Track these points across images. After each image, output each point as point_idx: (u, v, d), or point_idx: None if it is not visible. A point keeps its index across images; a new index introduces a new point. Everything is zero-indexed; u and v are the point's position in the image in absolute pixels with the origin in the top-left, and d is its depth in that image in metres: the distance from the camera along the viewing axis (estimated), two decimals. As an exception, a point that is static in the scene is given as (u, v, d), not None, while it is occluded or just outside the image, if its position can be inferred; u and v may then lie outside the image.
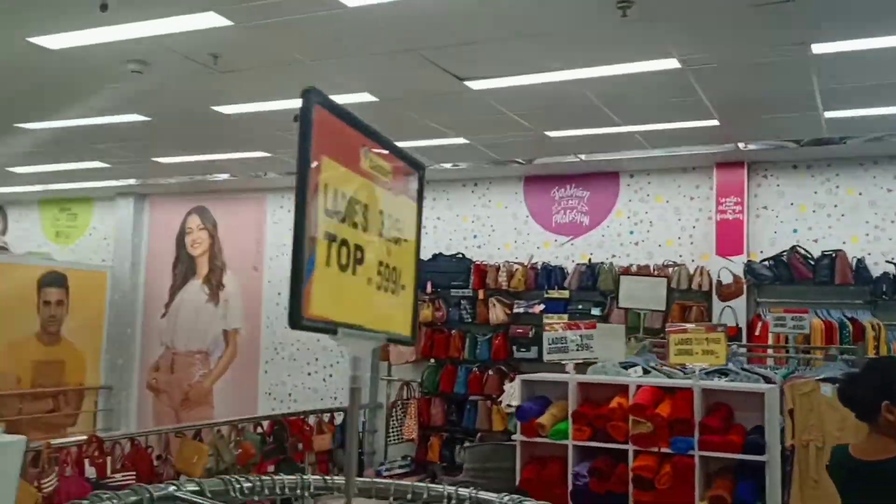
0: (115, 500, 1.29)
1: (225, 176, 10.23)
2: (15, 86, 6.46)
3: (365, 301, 1.07)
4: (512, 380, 7.12)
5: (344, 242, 1.01)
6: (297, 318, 1.00)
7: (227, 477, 1.51)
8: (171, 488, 1.43)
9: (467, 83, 5.93)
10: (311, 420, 7.57)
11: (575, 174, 9.02)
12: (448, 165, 8.99)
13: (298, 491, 1.58)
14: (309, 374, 10.23)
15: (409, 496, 1.58)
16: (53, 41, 5.29)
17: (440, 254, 9.30)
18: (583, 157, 8.42)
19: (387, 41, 5.17)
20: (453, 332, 8.94)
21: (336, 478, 1.61)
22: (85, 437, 6.11)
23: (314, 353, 10.13)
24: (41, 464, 5.67)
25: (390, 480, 1.65)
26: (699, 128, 7.07)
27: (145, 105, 6.87)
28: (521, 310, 8.71)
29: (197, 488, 1.45)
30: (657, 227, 8.64)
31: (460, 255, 9.24)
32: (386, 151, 1.10)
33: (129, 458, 6.35)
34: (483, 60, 5.50)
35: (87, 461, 6.06)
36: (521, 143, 7.87)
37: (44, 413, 10.40)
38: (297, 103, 1.03)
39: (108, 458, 6.20)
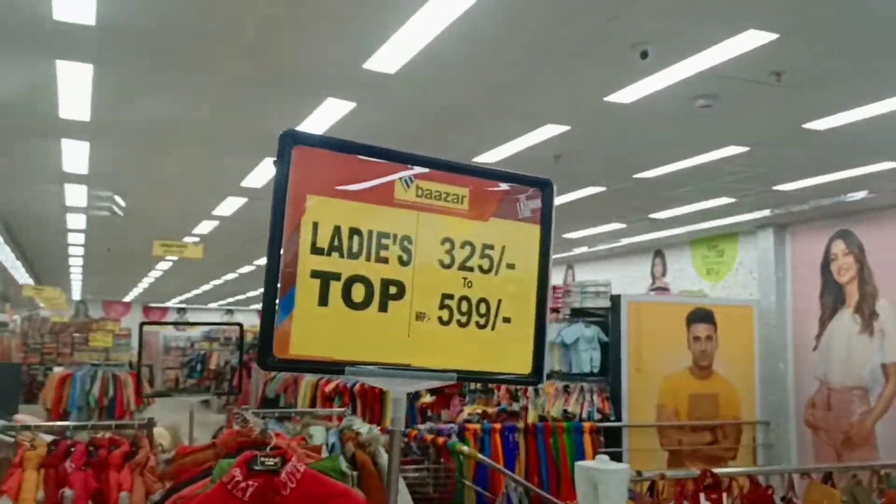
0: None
1: (862, 194, 9.27)
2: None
3: (400, 338, 0.90)
4: None
5: (354, 279, 0.88)
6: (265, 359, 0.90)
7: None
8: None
9: None
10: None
11: None
12: None
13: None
14: None
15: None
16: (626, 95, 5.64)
17: None
18: None
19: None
20: None
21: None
22: (697, 472, 6.16)
23: None
24: (656, 494, 5.92)
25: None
26: None
27: (734, 136, 6.75)
28: None
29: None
30: None
31: None
32: (458, 175, 0.92)
33: (748, 497, 6.15)
34: None
35: (702, 496, 6.09)
36: None
37: (703, 445, 10.79)
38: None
39: (724, 495, 6.12)
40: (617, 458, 9.06)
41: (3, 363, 14.59)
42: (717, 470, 6.46)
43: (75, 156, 7.88)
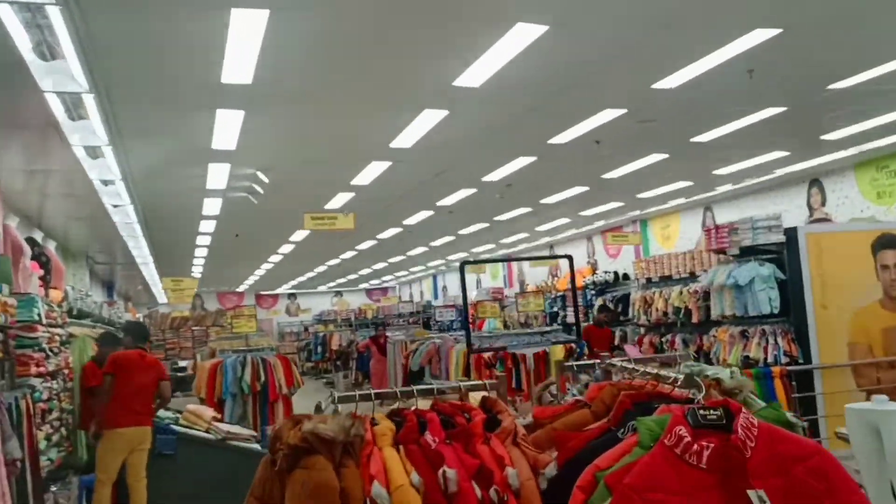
0: None
1: None
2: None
3: None
4: None
5: None
6: None
7: None
8: None
9: None
10: None
11: None
12: None
13: None
14: None
15: None
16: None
17: None
18: None
19: None
20: None
21: None
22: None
23: None
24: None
25: None
26: None
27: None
28: None
29: None
30: None
31: None
32: None
33: None
34: None
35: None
36: None
37: (904, 381, 9.84)
38: None
39: None
40: (811, 402, 8.27)
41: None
42: None
43: (227, 129, 7.57)
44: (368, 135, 8.48)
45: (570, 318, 15.46)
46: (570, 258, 10.02)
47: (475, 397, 2.49)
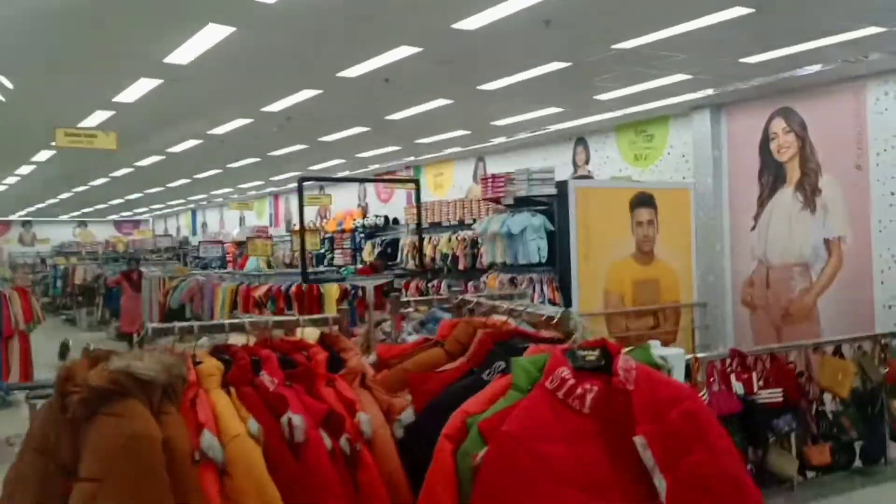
0: None
1: (816, 68, 9.14)
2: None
3: None
4: None
5: None
6: None
7: None
8: None
9: None
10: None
11: None
12: None
13: None
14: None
15: None
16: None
17: None
18: None
19: None
20: None
21: None
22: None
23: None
24: (692, 377, 5.63)
25: None
26: None
27: None
28: None
29: None
30: None
31: None
32: None
33: (772, 374, 5.99)
34: None
35: (733, 376, 5.88)
36: None
37: (647, 330, 10.77)
38: None
39: (753, 374, 5.94)
40: (570, 347, 8.83)
41: None
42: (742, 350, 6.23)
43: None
44: (141, 45, 7.58)
45: (338, 261, 15.35)
46: (416, 182, 9.86)
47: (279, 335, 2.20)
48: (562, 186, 9.30)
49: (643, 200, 10.89)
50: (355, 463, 1.72)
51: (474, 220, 11.35)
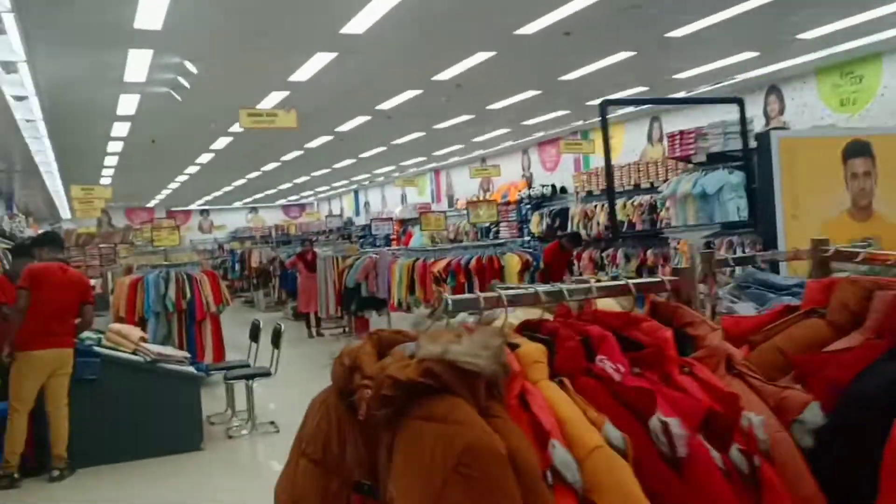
0: None
1: None
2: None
3: None
4: None
5: None
6: None
7: None
8: None
9: None
10: None
11: None
12: None
13: None
14: None
15: None
16: None
17: None
18: None
19: None
20: None
21: None
22: None
23: None
24: None
25: None
26: None
27: None
28: None
29: None
30: None
31: None
32: None
33: None
34: None
35: None
36: None
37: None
38: None
39: None
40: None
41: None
42: None
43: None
44: (319, 14, 7.34)
45: (503, 234, 14.83)
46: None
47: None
48: (763, 138, 8.34)
49: (858, 149, 9.68)
50: (756, 485, 1.19)
51: (652, 185, 10.55)
